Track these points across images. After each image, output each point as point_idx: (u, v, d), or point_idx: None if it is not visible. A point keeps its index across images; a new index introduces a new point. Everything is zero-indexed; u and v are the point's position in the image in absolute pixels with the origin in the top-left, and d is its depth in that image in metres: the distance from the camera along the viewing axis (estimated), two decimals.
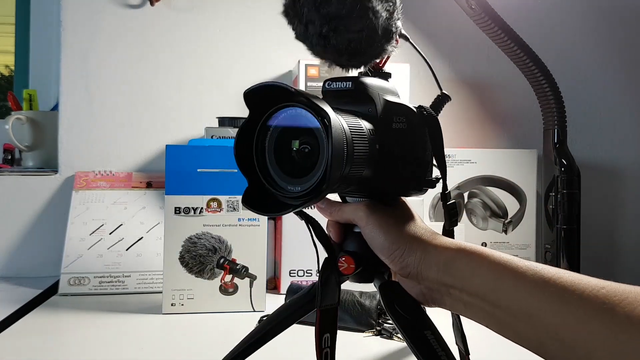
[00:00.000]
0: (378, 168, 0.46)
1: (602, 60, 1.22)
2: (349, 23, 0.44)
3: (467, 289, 0.41)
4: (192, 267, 0.78)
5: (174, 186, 0.78)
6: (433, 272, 0.43)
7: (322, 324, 0.47)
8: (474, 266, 0.41)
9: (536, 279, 0.37)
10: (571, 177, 0.95)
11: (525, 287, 0.37)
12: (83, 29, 1.05)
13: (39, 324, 0.73)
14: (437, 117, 0.48)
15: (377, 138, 0.46)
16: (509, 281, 0.38)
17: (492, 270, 0.40)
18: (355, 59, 0.48)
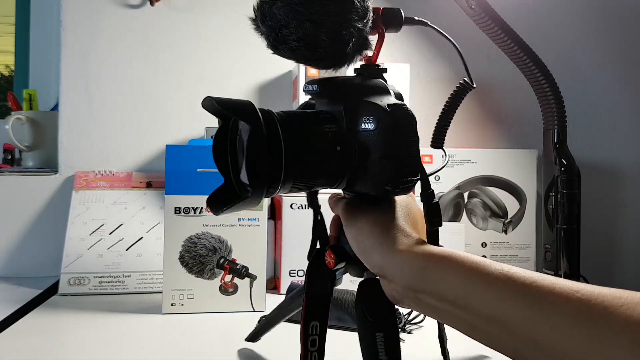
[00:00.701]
0: (344, 168, 0.46)
1: (602, 60, 1.22)
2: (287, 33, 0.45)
3: (435, 294, 0.40)
4: (192, 267, 0.78)
5: (174, 186, 0.78)
6: (397, 277, 0.42)
7: (308, 311, 0.48)
8: (443, 271, 0.39)
9: (509, 284, 0.36)
10: (571, 177, 0.95)
11: (497, 292, 0.36)
12: (83, 29, 1.05)
13: (39, 324, 0.73)
14: (408, 115, 0.46)
15: (339, 139, 0.46)
16: (480, 286, 0.37)
17: (461, 275, 0.38)
18: (317, 63, 0.47)
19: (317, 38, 0.44)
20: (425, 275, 0.40)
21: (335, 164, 0.46)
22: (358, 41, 0.46)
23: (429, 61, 1.15)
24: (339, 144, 0.46)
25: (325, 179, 0.47)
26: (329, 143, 0.46)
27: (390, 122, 0.45)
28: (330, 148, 0.46)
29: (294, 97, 1.03)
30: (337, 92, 0.48)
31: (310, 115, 0.48)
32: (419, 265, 0.41)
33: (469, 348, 0.66)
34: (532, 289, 0.35)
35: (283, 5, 0.44)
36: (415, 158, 0.46)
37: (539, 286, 0.35)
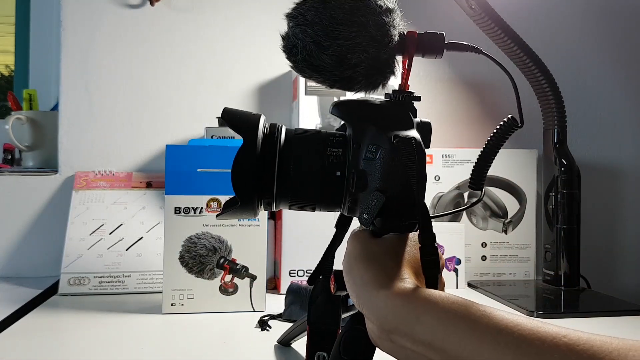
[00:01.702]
0: (343, 194, 0.46)
1: (602, 60, 1.22)
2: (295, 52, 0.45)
3: (410, 336, 0.37)
4: (192, 267, 0.78)
5: (174, 186, 0.78)
6: (374, 316, 0.40)
7: (313, 340, 0.47)
8: (419, 312, 0.37)
9: (490, 327, 0.34)
10: (571, 177, 0.95)
11: (478, 336, 0.34)
12: (83, 29, 1.05)
13: (39, 323, 0.73)
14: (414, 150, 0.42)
15: (341, 164, 0.45)
16: (459, 328, 0.35)
17: (439, 317, 0.36)
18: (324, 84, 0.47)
19: (321, 60, 0.44)
20: (400, 316, 0.38)
21: (333, 188, 0.45)
22: (372, 66, 0.45)
23: (429, 62, 1.15)
24: (339, 169, 0.45)
25: (325, 204, 0.46)
26: (329, 167, 0.45)
27: (391, 155, 0.43)
28: (329, 172, 0.45)
29: (294, 97, 1.03)
30: (350, 115, 0.47)
31: (321, 137, 0.46)
32: (393, 305, 0.38)
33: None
34: (515, 332, 0.33)
35: (295, 25, 0.45)
36: (414, 198, 0.42)
37: (523, 329, 0.33)
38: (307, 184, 0.45)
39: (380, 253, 0.43)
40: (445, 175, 1.03)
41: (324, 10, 0.43)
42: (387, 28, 0.44)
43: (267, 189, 0.44)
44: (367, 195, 0.44)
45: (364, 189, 0.44)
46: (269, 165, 0.44)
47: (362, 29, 0.44)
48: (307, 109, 0.98)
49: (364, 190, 0.44)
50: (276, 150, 0.44)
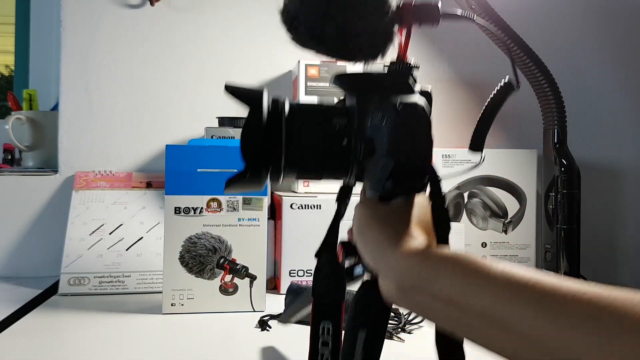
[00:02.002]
0: (349, 162, 0.46)
1: (602, 60, 1.22)
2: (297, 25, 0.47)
3: (429, 292, 0.38)
4: (192, 267, 0.78)
5: (174, 186, 0.78)
6: (391, 275, 0.41)
7: (317, 311, 0.48)
8: (438, 270, 0.38)
9: (511, 283, 0.34)
10: (571, 177, 0.95)
11: (498, 291, 0.35)
12: (83, 29, 1.05)
13: (39, 323, 0.73)
14: (420, 116, 0.45)
15: (346, 132, 0.46)
16: (480, 284, 0.36)
17: (458, 273, 0.37)
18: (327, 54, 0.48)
19: (323, 31, 0.45)
20: (419, 274, 0.39)
21: (339, 157, 0.46)
22: (371, 37, 0.46)
23: (429, 62, 1.15)
24: (345, 137, 0.46)
25: (331, 172, 0.47)
26: (335, 136, 0.46)
27: (398, 120, 0.44)
28: (335, 141, 0.46)
29: (294, 97, 1.03)
30: (353, 85, 0.48)
31: (324, 108, 0.47)
32: (411, 264, 0.40)
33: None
34: (536, 289, 0.33)
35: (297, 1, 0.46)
36: (420, 160, 0.44)
37: (543, 286, 0.33)
38: (314, 153, 0.46)
39: (391, 216, 0.45)
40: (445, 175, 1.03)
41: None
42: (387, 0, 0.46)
43: (275, 159, 0.45)
44: (375, 162, 0.45)
45: (371, 155, 0.45)
46: (276, 135, 0.44)
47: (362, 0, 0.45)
48: None
49: (371, 157, 0.45)
50: (282, 120, 0.45)
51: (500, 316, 0.34)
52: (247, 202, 0.80)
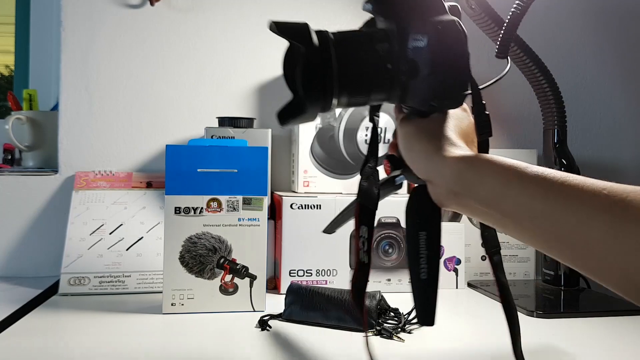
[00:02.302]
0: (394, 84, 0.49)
1: (602, 61, 1.22)
2: None
3: (474, 197, 0.44)
4: (192, 267, 0.78)
5: (174, 186, 0.78)
6: (440, 180, 0.47)
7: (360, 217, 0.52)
8: (482, 175, 0.44)
9: (541, 184, 0.40)
10: None
11: (530, 191, 0.40)
12: (83, 29, 1.05)
13: (39, 323, 0.73)
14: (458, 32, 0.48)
15: (390, 56, 0.49)
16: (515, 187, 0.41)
17: (498, 178, 0.43)
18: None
19: None
20: (464, 179, 0.45)
21: (386, 80, 0.49)
22: None
23: None
24: (389, 61, 0.49)
25: (378, 94, 0.50)
26: (380, 60, 0.49)
27: (439, 40, 0.48)
28: (381, 65, 0.49)
29: None
30: (390, 10, 0.50)
31: (363, 34, 0.50)
32: (458, 169, 0.45)
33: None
34: (564, 188, 0.39)
35: None
36: (463, 73, 0.48)
37: (569, 185, 0.39)
38: (363, 79, 0.49)
39: (436, 128, 0.50)
40: None
41: None
42: None
43: (329, 87, 0.48)
44: (420, 81, 0.48)
45: (416, 75, 0.48)
46: (327, 64, 0.47)
47: None
48: None
49: (415, 77, 0.48)
50: (331, 51, 0.48)
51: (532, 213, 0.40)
52: (247, 202, 0.80)
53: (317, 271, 0.91)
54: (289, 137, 1.09)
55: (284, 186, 1.10)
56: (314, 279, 0.91)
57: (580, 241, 0.37)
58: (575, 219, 0.37)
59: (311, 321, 0.74)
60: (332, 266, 0.91)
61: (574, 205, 0.38)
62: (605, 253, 0.36)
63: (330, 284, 0.91)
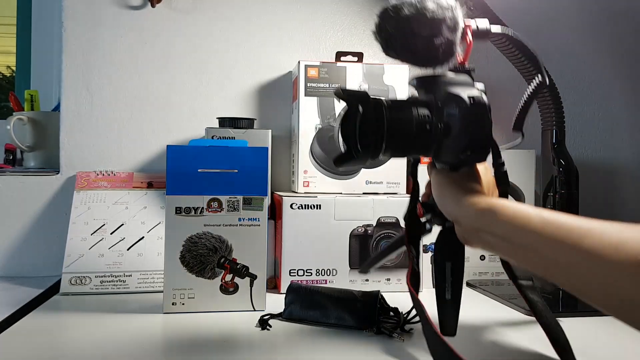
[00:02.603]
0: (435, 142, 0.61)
1: (601, 61, 1.23)
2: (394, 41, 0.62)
3: (491, 231, 0.55)
4: (193, 267, 0.78)
5: (174, 186, 0.79)
6: (464, 221, 0.58)
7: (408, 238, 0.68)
8: (496, 215, 0.54)
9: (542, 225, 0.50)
10: (569, 177, 0.96)
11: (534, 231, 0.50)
12: (84, 29, 1.06)
13: (40, 323, 0.74)
14: (483, 105, 0.60)
15: (432, 121, 0.61)
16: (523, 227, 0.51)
17: (510, 220, 0.53)
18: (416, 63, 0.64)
19: (415, 45, 0.61)
20: (484, 219, 0.55)
21: (425, 138, 0.61)
22: (448, 48, 0.62)
23: None
24: (429, 123, 0.61)
25: (417, 150, 0.63)
26: (422, 124, 0.61)
27: (469, 110, 0.60)
28: (422, 127, 0.61)
29: (294, 98, 1.04)
30: (430, 85, 0.64)
31: (409, 102, 0.62)
32: (482, 212, 0.56)
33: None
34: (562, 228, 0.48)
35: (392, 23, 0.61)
36: (486, 137, 0.61)
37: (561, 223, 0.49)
38: (406, 138, 0.61)
39: (464, 180, 0.62)
40: None
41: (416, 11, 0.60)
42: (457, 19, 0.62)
43: (379, 146, 0.60)
44: (452, 140, 0.61)
45: (448, 136, 0.61)
46: (380, 126, 0.60)
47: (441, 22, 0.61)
48: (307, 109, 0.99)
49: (447, 137, 0.61)
50: (384, 115, 0.60)
51: (533, 246, 0.50)
52: (248, 202, 0.80)
53: (317, 271, 0.91)
54: (289, 137, 1.09)
55: (284, 186, 1.10)
56: (314, 278, 0.91)
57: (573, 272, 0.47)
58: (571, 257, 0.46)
59: (311, 320, 0.74)
60: (332, 266, 0.92)
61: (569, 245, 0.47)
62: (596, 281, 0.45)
63: (330, 284, 0.92)
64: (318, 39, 1.13)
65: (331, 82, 0.99)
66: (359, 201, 0.93)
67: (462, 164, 0.63)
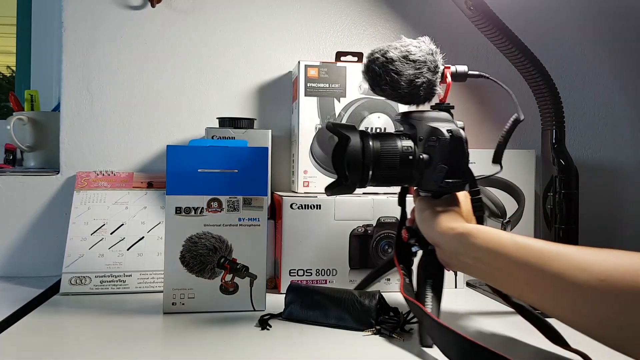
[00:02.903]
0: (419, 171, 0.70)
1: (600, 61, 1.23)
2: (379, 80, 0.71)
3: (468, 254, 0.61)
4: (193, 267, 0.78)
5: (174, 186, 0.79)
6: (444, 245, 0.65)
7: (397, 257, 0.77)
8: (472, 240, 0.60)
9: (515, 249, 0.56)
10: (569, 177, 0.96)
11: (507, 255, 0.56)
12: (84, 29, 1.06)
13: (40, 323, 0.74)
14: (460, 138, 0.69)
15: (415, 152, 0.70)
16: (497, 250, 0.57)
17: (485, 245, 0.59)
18: (400, 101, 0.73)
19: (399, 84, 0.70)
20: (461, 244, 0.61)
21: (409, 168, 0.70)
22: (429, 87, 0.71)
23: None
24: (411, 154, 0.70)
25: (401, 179, 0.72)
26: (406, 155, 0.70)
27: (447, 142, 0.69)
28: (406, 158, 0.70)
29: (294, 98, 1.04)
30: (413, 120, 0.72)
31: (394, 135, 0.71)
32: (458, 237, 0.62)
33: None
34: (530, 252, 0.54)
35: (379, 64, 0.70)
36: (462, 167, 0.70)
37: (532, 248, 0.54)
38: (391, 168, 0.70)
39: (444, 207, 0.68)
40: None
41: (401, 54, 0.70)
42: (438, 63, 0.72)
43: (366, 174, 0.69)
44: (433, 169, 0.69)
45: (429, 166, 0.69)
46: (368, 158, 0.69)
47: (423, 64, 0.71)
48: (307, 109, 0.99)
49: (429, 167, 0.69)
50: (371, 145, 0.69)
51: (507, 269, 0.56)
52: (248, 202, 0.80)
53: (317, 271, 0.91)
54: (289, 137, 1.09)
55: (284, 186, 1.10)
56: (314, 278, 0.91)
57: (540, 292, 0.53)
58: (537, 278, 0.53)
59: (311, 320, 0.74)
60: (332, 266, 0.92)
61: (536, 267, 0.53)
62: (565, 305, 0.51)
63: (330, 284, 0.92)
64: (318, 39, 1.13)
65: (331, 82, 0.99)
66: (359, 201, 0.93)
67: (442, 192, 0.70)
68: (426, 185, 0.71)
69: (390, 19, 1.15)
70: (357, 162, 0.67)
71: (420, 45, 0.71)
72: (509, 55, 0.94)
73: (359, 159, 0.67)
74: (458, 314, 0.82)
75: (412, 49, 0.70)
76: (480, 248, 0.59)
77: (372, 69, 0.71)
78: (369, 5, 1.15)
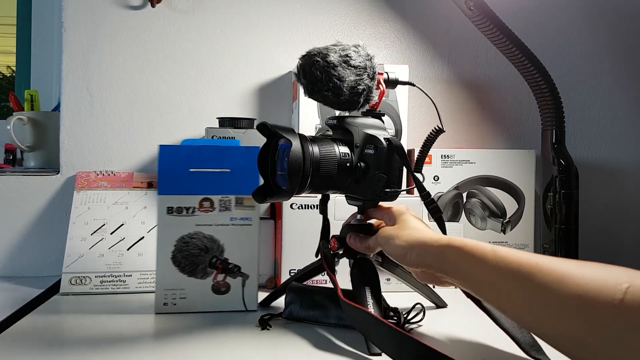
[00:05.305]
0: (354, 179, 0.69)
1: (600, 61, 1.22)
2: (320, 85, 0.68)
3: (451, 274, 0.59)
4: (185, 267, 0.78)
5: (166, 186, 0.78)
6: (427, 263, 0.61)
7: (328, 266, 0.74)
8: (457, 259, 0.58)
9: (496, 262, 0.54)
10: (569, 177, 0.96)
11: (489, 269, 0.54)
12: (84, 29, 1.06)
13: (40, 323, 0.74)
14: (398, 146, 0.69)
15: (352, 159, 0.69)
16: (479, 266, 0.55)
17: (468, 261, 0.56)
18: (340, 107, 0.70)
19: (342, 90, 0.67)
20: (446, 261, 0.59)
21: (345, 175, 0.69)
22: (368, 94, 0.69)
23: (428, 62, 1.16)
24: (349, 161, 0.69)
25: (338, 187, 0.70)
26: (344, 162, 0.68)
27: (385, 150, 0.69)
28: (344, 165, 0.68)
29: (294, 98, 1.04)
30: (350, 126, 0.70)
31: (330, 141, 0.69)
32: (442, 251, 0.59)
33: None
34: (511, 266, 0.52)
35: (320, 68, 0.67)
36: (399, 175, 0.71)
37: (512, 261, 0.52)
38: (329, 176, 0.68)
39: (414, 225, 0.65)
40: (444, 175, 1.04)
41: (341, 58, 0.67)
42: (375, 69, 0.70)
43: (305, 181, 0.66)
44: (371, 178, 0.69)
45: (367, 174, 0.69)
46: (308, 164, 0.65)
47: (364, 70, 0.68)
48: (307, 110, 0.99)
49: (366, 175, 0.69)
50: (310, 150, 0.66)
51: (490, 283, 0.54)
52: (240, 201, 0.80)
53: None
54: None
55: None
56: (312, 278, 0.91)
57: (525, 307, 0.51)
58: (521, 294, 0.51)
59: (311, 320, 0.74)
60: None
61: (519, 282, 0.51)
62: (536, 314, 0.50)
63: (330, 284, 0.91)
64: (318, 39, 1.13)
65: None
66: None
67: (379, 199, 0.71)
68: (362, 193, 0.70)
69: (390, 19, 1.15)
70: (298, 168, 0.64)
71: (359, 50, 0.69)
72: (509, 55, 0.94)
73: (300, 165, 0.64)
74: (456, 315, 0.81)
75: (352, 54, 0.68)
76: (462, 259, 0.57)
77: (312, 73, 0.67)
78: (369, 5, 1.15)
